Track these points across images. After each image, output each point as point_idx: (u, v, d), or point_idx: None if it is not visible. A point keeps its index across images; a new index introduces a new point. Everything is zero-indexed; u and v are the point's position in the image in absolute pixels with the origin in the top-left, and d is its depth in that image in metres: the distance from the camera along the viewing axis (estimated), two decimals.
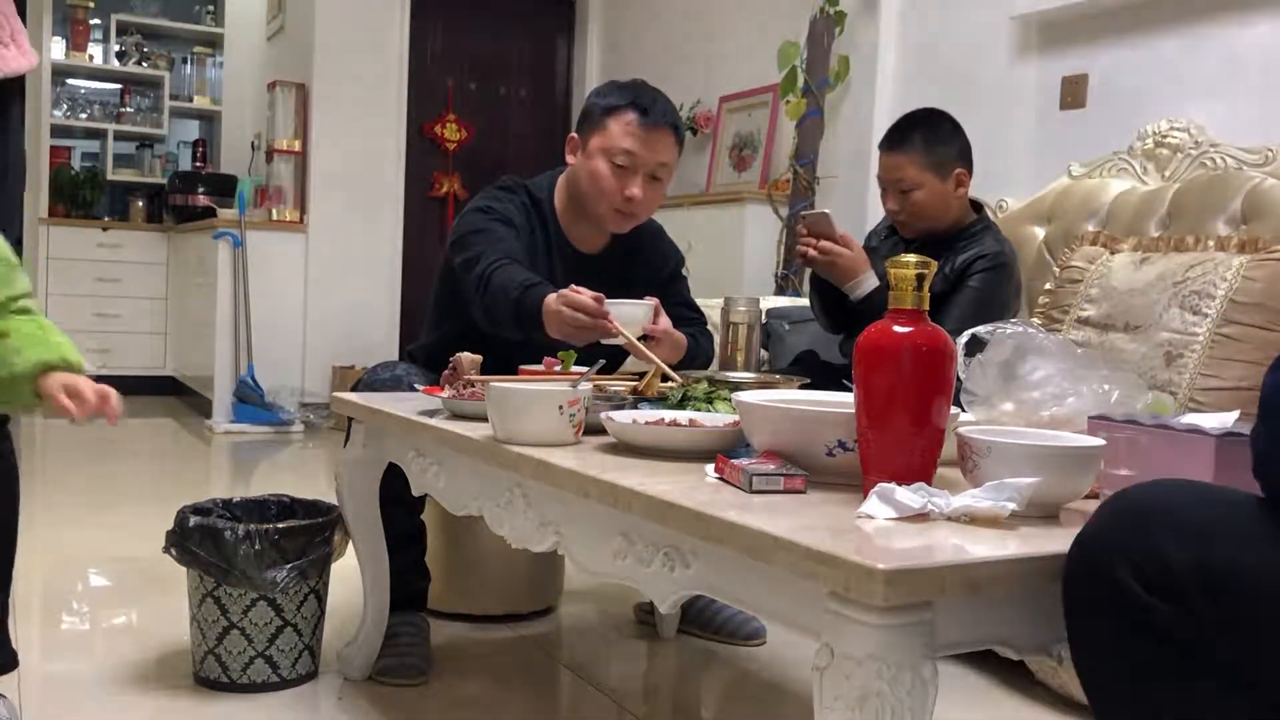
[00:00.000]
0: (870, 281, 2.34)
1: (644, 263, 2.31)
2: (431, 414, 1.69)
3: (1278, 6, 2.72)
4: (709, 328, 2.35)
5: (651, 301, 2.04)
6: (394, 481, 1.93)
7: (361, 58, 5.60)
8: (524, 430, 1.43)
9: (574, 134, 2.20)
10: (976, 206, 2.53)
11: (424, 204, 5.90)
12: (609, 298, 1.97)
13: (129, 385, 6.28)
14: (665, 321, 2.04)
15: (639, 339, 1.91)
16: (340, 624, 2.21)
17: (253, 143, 6.48)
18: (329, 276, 5.58)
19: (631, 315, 1.94)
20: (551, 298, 1.88)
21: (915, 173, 2.40)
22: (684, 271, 2.44)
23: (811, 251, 2.35)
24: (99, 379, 1.45)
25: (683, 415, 1.51)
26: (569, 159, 2.21)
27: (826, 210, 2.43)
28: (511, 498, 1.46)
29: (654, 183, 2.16)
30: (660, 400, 1.66)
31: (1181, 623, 0.83)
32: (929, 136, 2.42)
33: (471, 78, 6.06)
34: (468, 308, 2.09)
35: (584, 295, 1.84)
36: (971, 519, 1.03)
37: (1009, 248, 2.46)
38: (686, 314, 2.28)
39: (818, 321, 2.65)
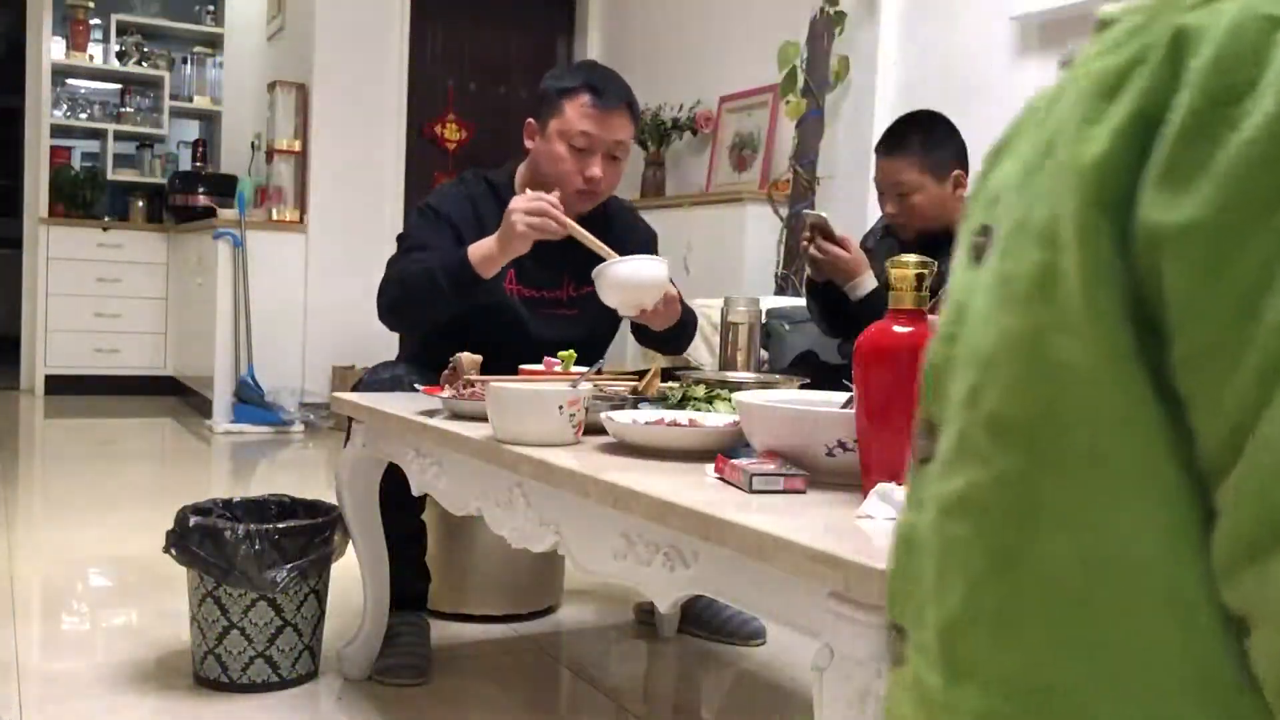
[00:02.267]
0: (869, 282, 2.34)
1: (614, 239, 2.30)
2: (431, 414, 1.69)
3: None
4: (710, 325, 2.35)
5: (664, 260, 2.05)
6: (394, 481, 1.93)
7: (361, 58, 5.60)
8: (524, 430, 1.43)
9: (531, 120, 2.23)
10: None
11: None
12: (585, 277, 2.01)
13: (129, 385, 6.34)
14: (671, 291, 2.07)
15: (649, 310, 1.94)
16: (340, 624, 2.21)
17: (253, 143, 6.48)
18: (329, 276, 5.58)
19: (655, 276, 1.95)
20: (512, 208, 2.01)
21: (914, 176, 2.40)
22: (659, 249, 2.45)
23: (813, 249, 2.36)
24: (99, 379, 1.42)
25: (683, 415, 1.51)
26: (528, 143, 2.24)
27: (824, 214, 2.43)
28: (511, 498, 1.46)
29: (613, 161, 2.18)
30: (660, 400, 1.66)
31: None
32: (926, 139, 2.41)
33: (471, 78, 6.07)
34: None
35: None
36: None
37: None
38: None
39: (817, 326, 2.65)
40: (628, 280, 1.93)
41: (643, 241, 2.38)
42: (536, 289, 2.22)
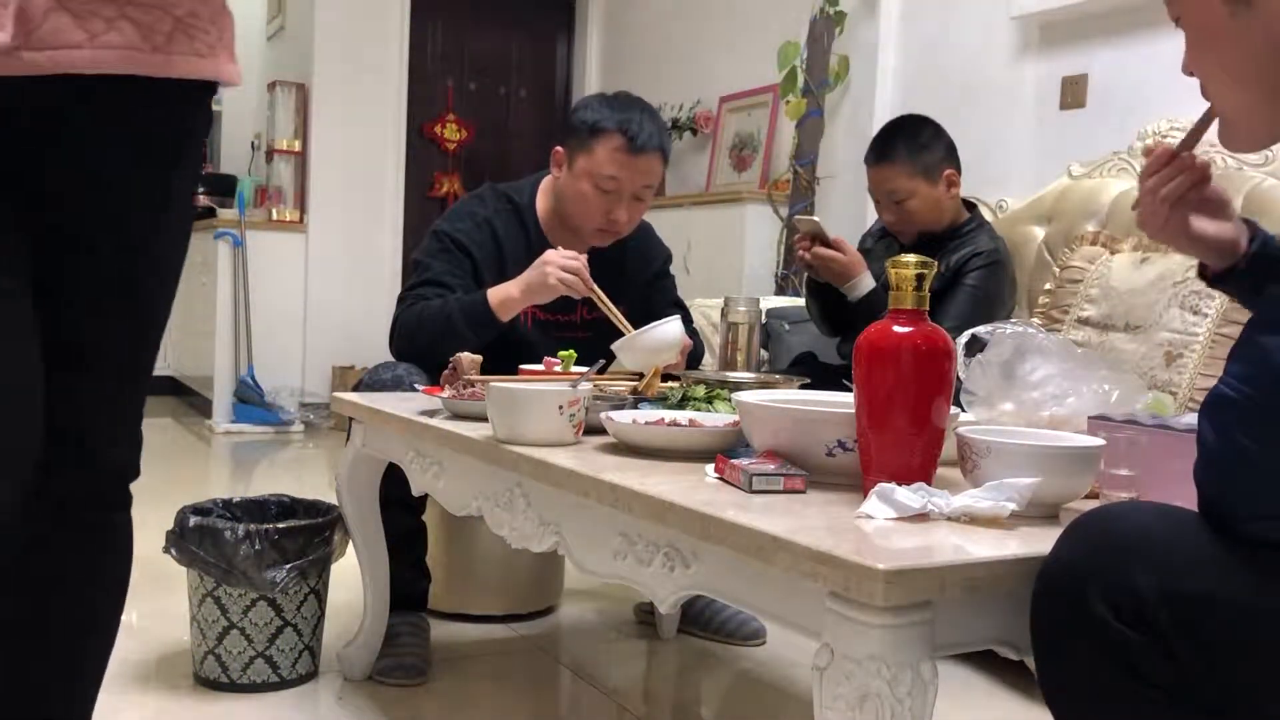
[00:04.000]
0: (866, 283, 2.34)
1: (632, 260, 2.31)
2: (431, 414, 1.69)
3: None
4: (710, 325, 2.35)
5: (675, 318, 2.02)
6: (394, 481, 1.93)
7: (361, 58, 5.59)
8: (524, 430, 1.43)
9: (559, 148, 2.20)
10: (969, 205, 2.54)
11: (424, 204, 5.91)
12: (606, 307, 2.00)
13: None
14: (686, 341, 2.05)
15: (666, 368, 1.92)
16: (340, 624, 2.21)
17: (253, 143, 6.48)
18: (329, 276, 5.58)
19: (672, 341, 1.93)
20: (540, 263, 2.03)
21: (905, 182, 2.40)
22: (671, 269, 2.45)
23: (807, 256, 2.36)
24: None
25: (683, 415, 1.51)
26: (554, 171, 2.21)
27: (815, 218, 2.44)
28: (511, 498, 1.46)
29: (638, 202, 2.17)
30: (660, 400, 1.66)
31: (1154, 654, 0.83)
32: (912, 144, 2.42)
33: (471, 78, 6.06)
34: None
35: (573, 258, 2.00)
36: (971, 519, 1.03)
37: (1003, 245, 2.47)
38: (674, 312, 2.28)
39: (816, 326, 2.65)
40: (649, 349, 1.93)
41: (658, 262, 2.39)
42: (551, 313, 2.21)
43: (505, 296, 2.04)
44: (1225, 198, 1.29)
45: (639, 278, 2.32)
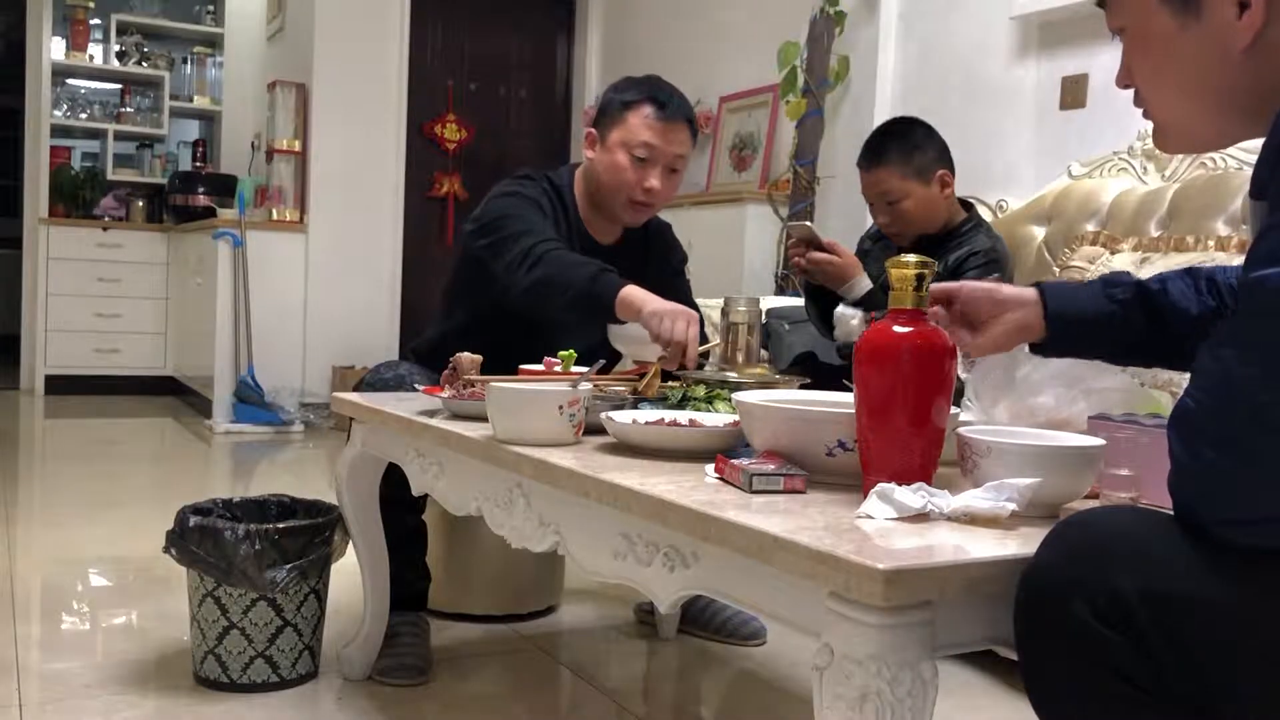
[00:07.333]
0: (863, 285, 2.34)
1: (654, 256, 2.34)
2: (431, 414, 1.69)
3: None
4: (710, 325, 2.36)
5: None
6: (394, 481, 1.93)
7: (361, 58, 5.60)
8: (524, 430, 1.43)
9: (592, 129, 2.23)
10: (966, 205, 2.53)
11: (424, 204, 5.91)
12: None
13: (129, 385, 6.34)
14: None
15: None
16: (340, 624, 2.21)
17: (253, 143, 6.48)
18: (329, 276, 5.58)
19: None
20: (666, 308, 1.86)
21: (898, 184, 2.40)
22: (685, 271, 2.46)
23: (802, 261, 2.36)
24: (99, 379, 1.39)
25: (683, 415, 1.51)
26: (587, 154, 2.24)
27: (808, 223, 2.44)
28: (511, 498, 1.46)
29: (671, 174, 2.19)
30: (660, 400, 1.66)
31: (1135, 654, 0.83)
32: (903, 146, 2.41)
33: (471, 78, 6.06)
34: (489, 291, 2.09)
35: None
36: (971, 519, 1.03)
37: (1001, 244, 2.47)
38: None
39: (815, 327, 2.65)
40: (634, 339, 1.92)
41: (675, 259, 2.40)
42: None
43: (631, 300, 1.91)
44: (990, 296, 1.28)
45: (657, 270, 2.34)
